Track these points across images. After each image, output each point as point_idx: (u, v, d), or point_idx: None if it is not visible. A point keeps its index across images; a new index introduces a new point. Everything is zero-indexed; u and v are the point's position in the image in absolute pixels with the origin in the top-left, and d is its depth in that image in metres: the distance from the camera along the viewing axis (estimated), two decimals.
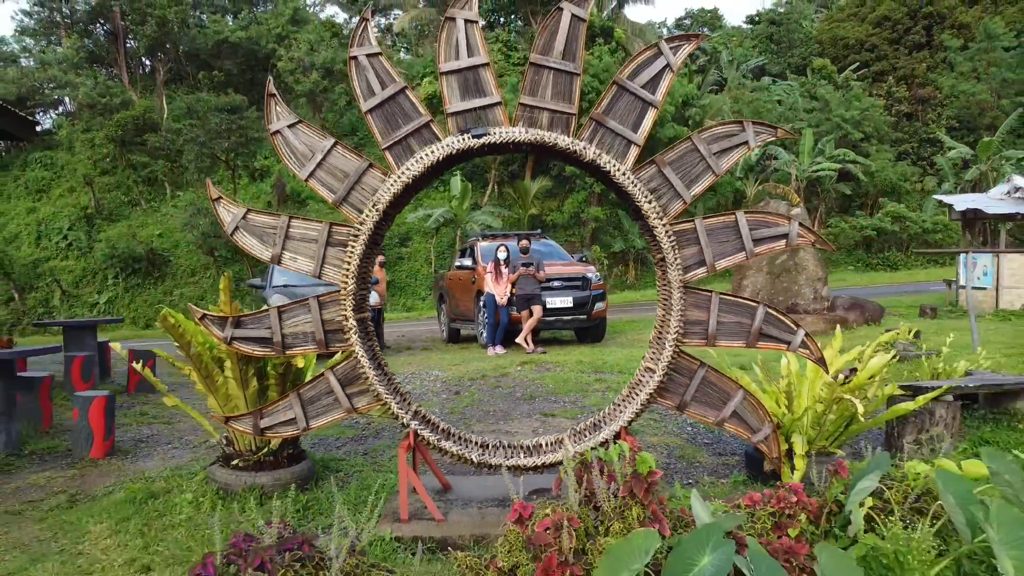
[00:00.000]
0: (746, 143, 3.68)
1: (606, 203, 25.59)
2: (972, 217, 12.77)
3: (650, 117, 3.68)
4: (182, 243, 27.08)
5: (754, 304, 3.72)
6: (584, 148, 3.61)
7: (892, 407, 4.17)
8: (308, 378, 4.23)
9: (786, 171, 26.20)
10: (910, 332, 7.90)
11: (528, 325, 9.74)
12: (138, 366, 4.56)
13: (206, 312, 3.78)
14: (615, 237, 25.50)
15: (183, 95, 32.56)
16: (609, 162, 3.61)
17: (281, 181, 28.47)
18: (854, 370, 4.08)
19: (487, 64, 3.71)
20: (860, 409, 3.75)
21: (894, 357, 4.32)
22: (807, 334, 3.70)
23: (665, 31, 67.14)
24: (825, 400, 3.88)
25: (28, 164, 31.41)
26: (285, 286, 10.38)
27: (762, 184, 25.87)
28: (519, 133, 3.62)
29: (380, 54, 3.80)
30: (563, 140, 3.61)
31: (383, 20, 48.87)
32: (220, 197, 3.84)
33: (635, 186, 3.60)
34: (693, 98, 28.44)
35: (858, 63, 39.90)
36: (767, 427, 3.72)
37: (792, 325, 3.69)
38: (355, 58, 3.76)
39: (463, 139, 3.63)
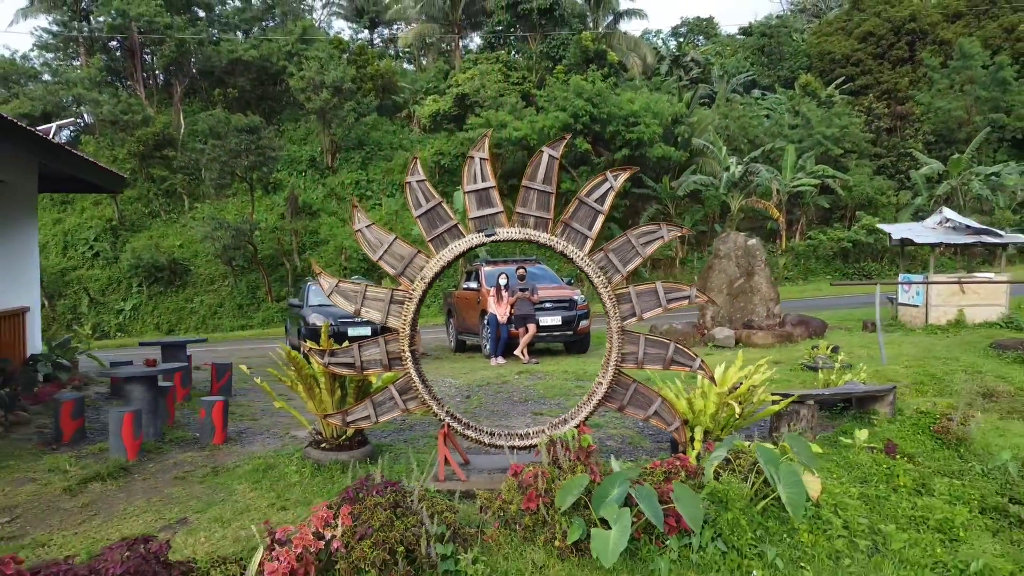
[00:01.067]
0: (662, 238, 5.75)
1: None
2: (907, 244, 14.82)
3: (599, 221, 5.73)
4: (201, 253, 29.12)
5: (667, 342, 5.78)
6: (557, 242, 5.67)
7: (766, 408, 6.25)
8: (375, 388, 6.29)
9: (768, 186, 28.25)
10: (828, 348, 10.02)
11: (524, 340, 11.84)
12: (255, 378, 6.61)
13: (312, 347, 5.85)
14: None
15: (201, 112, 34.65)
16: (573, 251, 5.67)
17: (294, 194, 30.53)
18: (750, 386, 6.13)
19: (494, 186, 5.78)
20: (737, 411, 5.83)
21: (767, 378, 6.37)
22: (702, 361, 5.75)
23: (660, 40, 69.25)
24: (717, 404, 5.95)
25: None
26: (320, 306, 12.45)
27: (746, 198, 27.92)
28: (515, 233, 5.69)
29: (424, 180, 5.84)
30: (543, 237, 5.68)
31: (385, 31, 50.93)
32: (321, 271, 5.89)
33: (589, 267, 5.66)
34: (682, 116, 30.47)
35: (844, 77, 41.98)
36: (677, 421, 5.78)
37: (692, 355, 5.74)
38: (409, 183, 5.81)
39: (479, 236, 5.69)
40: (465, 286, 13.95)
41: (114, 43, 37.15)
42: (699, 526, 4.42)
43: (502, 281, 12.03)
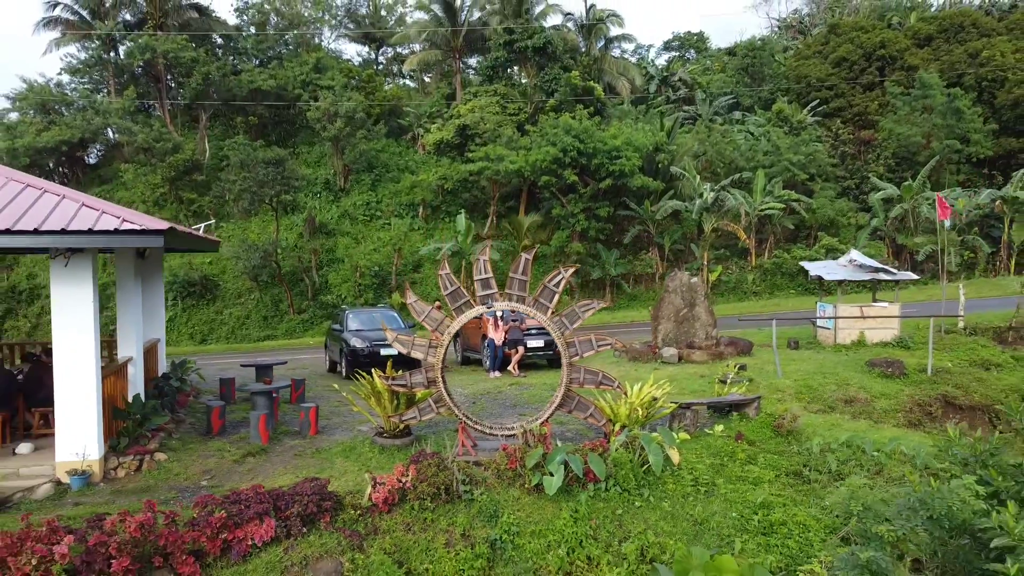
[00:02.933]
0: (593, 309, 9.61)
1: (587, 240, 31.55)
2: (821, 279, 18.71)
3: (556, 298, 9.59)
4: (229, 269, 32.98)
5: (598, 371, 9.65)
6: (530, 311, 9.53)
7: (663, 411, 10.13)
8: (419, 398, 10.15)
9: (738, 210, 32.12)
10: (736, 367, 13.91)
11: (515, 359, 15.72)
12: (343, 392, 10.47)
13: (380, 374, 9.74)
14: (593, 267, 31.43)
15: (223, 136, 38.50)
16: (540, 316, 9.53)
17: (312, 217, 34.40)
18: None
19: (491, 276, 9.64)
20: (641, 413, 9.71)
21: (664, 393, 10.24)
22: (619, 383, 9.61)
23: (652, 53, 72.88)
24: (629, 409, 9.84)
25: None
26: (357, 331, 16.30)
27: (718, 221, 31.79)
28: (504, 305, 9.56)
29: (449, 272, 9.70)
30: (522, 308, 9.55)
31: (390, 50, 54.64)
32: (397, 337, 9.77)
33: (550, 326, 9.53)
34: (663, 145, 34.34)
35: (818, 100, 45.84)
36: (603, 420, 9.66)
37: (612, 379, 9.60)
38: (440, 274, 9.68)
39: (483, 308, 9.57)
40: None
41: (140, 68, 40.88)
42: (604, 477, 8.29)
43: (498, 313, 15.88)
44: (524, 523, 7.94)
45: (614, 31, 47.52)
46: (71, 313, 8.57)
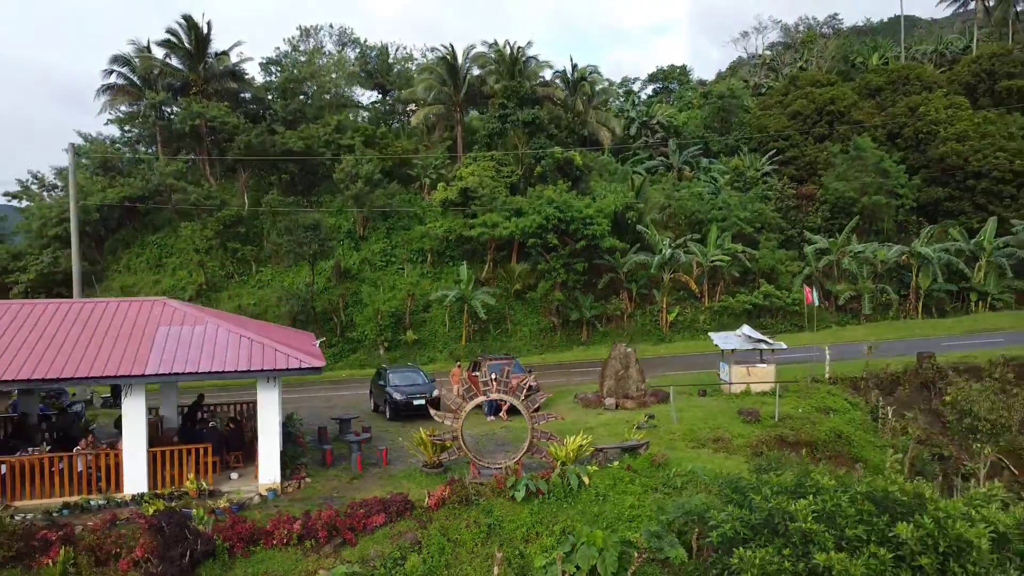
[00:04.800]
0: (539, 401, 17.87)
1: (566, 288, 39.76)
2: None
3: (525, 391, 17.81)
4: (270, 309, 41.11)
5: (551, 433, 17.93)
6: (510, 398, 17.79)
7: (586, 452, 18.43)
8: (448, 447, 18.40)
9: (689, 262, 40.35)
10: (646, 416, 22.25)
11: (504, 409, 23.93)
12: (403, 441, 18.73)
13: (425, 433, 18.05)
14: (572, 310, 39.65)
15: (258, 190, 46.58)
16: (515, 402, 17.79)
17: (339, 263, 42.58)
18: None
19: (490, 378, 17.90)
20: (573, 455, 18.01)
21: (589, 439, 18.53)
22: (559, 438, 17.86)
23: (638, 84, 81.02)
24: (566, 452, 18.15)
25: (145, 245, 45.56)
26: (397, 386, 24.50)
27: (673, 273, 40.01)
28: (496, 395, 17.84)
29: (465, 379, 17.96)
30: (506, 396, 17.82)
31: (395, 91, 62.55)
32: (435, 413, 18.08)
33: (521, 407, 17.80)
34: (632, 203, 42.52)
35: (775, 150, 54.07)
36: (551, 459, 17.92)
37: (555, 436, 17.84)
38: (456, 386, 17.97)
39: (484, 397, 17.86)
40: (475, 373, 25.99)
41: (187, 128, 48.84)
42: (547, 492, 16.57)
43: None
44: (506, 516, 16.17)
45: (601, 77, 55.85)
46: (269, 407, 16.78)
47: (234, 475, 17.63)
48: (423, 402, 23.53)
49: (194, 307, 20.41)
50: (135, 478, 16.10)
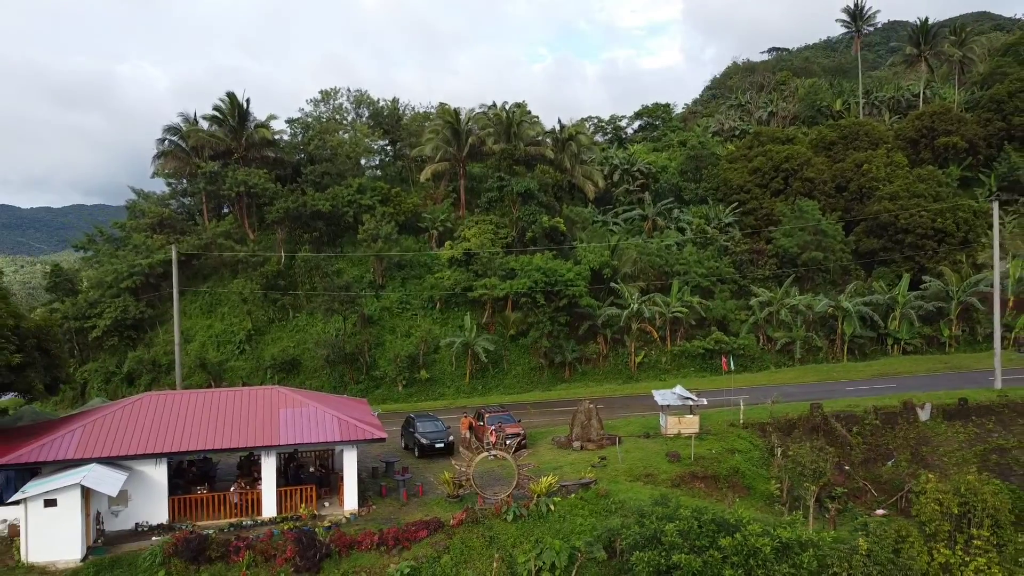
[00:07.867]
0: (526, 454, 28.78)
1: (552, 336, 50.58)
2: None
3: (513, 449, 28.65)
4: (307, 352, 51.91)
5: (531, 475, 28.82)
6: (502, 453, 28.68)
7: (555, 488, 29.39)
8: (463, 484, 29.28)
9: (653, 314, 51.20)
10: (599, 458, 33.34)
11: (498, 447, 34.80)
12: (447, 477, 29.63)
13: (448, 476, 29.02)
14: (557, 354, 50.48)
15: (300, 256, 57.27)
16: (504, 455, 28.67)
17: (363, 312, 53.40)
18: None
19: (489, 436, 28.79)
20: (545, 489, 28.95)
21: (558, 479, 29.48)
22: (537, 479, 28.73)
23: (625, 121, 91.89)
24: (540, 486, 29.10)
25: (197, 294, 56.33)
26: (423, 432, 35.34)
27: (639, 323, 50.84)
28: (496, 452, 28.76)
29: (470, 473, 28.84)
30: (500, 452, 28.72)
31: (403, 144, 73.12)
32: (456, 462, 29.03)
33: (509, 457, 28.68)
34: (607, 262, 53.32)
35: (737, 202, 64.80)
36: (532, 493, 28.80)
37: (533, 476, 28.70)
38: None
39: (486, 453, 28.78)
40: (479, 423, 36.73)
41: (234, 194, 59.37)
42: (527, 515, 27.48)
43: (491, 425, 34.85)
44: (501, 532, 27.03)
45: (588, 137, 66.53)
46: (350, 460, 27.62)
47: (327, 503, 28.48)
48: (443, 445, 34.41)
49: (296, 391, 31.17)
50: (269, 507, 26.96)
